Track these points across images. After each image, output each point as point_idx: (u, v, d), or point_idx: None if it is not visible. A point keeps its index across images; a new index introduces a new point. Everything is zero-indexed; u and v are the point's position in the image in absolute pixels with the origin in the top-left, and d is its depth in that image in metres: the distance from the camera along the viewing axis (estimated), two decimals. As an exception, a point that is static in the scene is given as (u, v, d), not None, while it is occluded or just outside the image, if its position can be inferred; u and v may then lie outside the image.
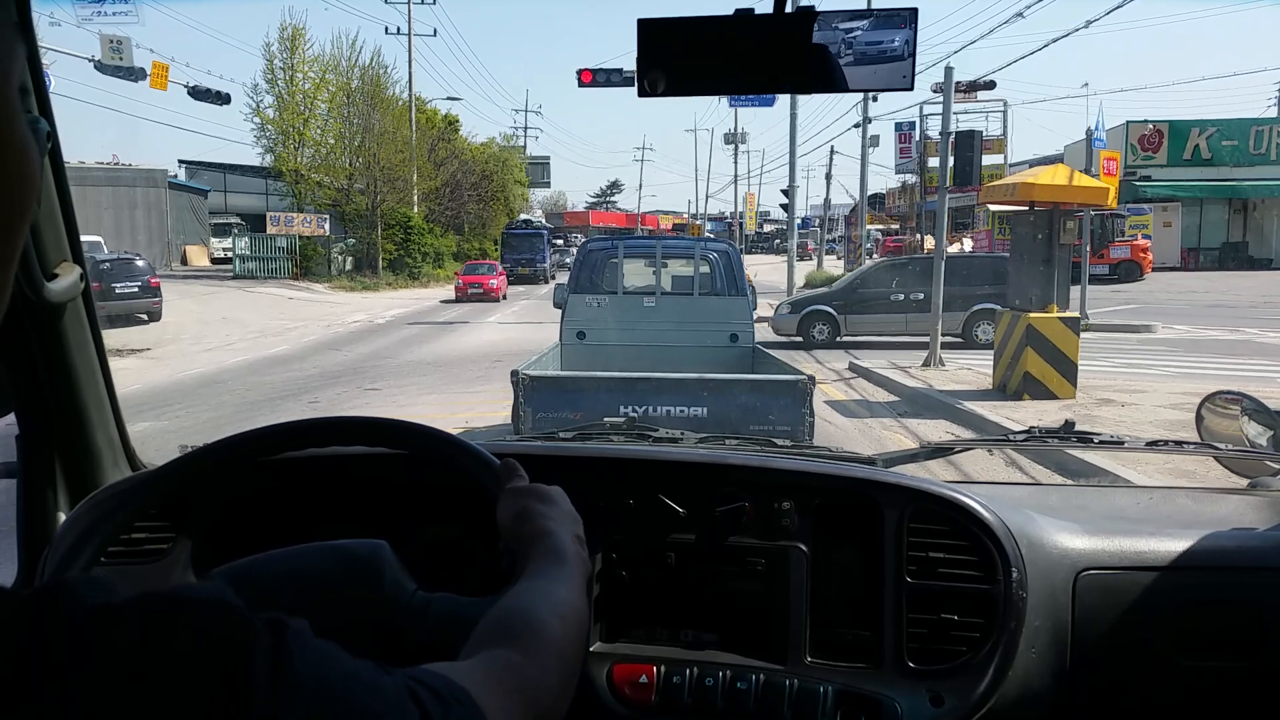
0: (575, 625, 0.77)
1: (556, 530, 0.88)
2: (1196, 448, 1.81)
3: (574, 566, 0.84)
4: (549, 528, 0.88)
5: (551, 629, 0.73)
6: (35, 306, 1.29)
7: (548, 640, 0.71)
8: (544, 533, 0.87)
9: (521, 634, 0.71)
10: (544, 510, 0.91)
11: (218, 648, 0.47)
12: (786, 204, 25.08)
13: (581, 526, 0.93)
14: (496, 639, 0.70)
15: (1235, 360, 12.03)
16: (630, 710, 1.28)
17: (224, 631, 0.48)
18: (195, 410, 9.20)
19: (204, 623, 0.48)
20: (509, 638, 0.70)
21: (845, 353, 13.91)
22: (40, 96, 1.20)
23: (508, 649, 0.68)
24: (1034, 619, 1.28)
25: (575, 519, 0.94)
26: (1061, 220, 8.93)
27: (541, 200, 71.76)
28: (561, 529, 0.89)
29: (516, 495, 0.94)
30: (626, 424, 1.88)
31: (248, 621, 0.49)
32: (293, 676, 0.48)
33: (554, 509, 0.92)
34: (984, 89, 26.02)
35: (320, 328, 19.28)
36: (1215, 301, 20.62)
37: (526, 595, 0.77)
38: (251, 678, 0.46)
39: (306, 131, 33.87)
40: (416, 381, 11.58)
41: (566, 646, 0.73)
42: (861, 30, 1.21)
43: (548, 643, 0.71)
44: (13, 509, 1.45)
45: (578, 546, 0.88)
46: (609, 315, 8.13)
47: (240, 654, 0.47)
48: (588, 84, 16.57)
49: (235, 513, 1.35)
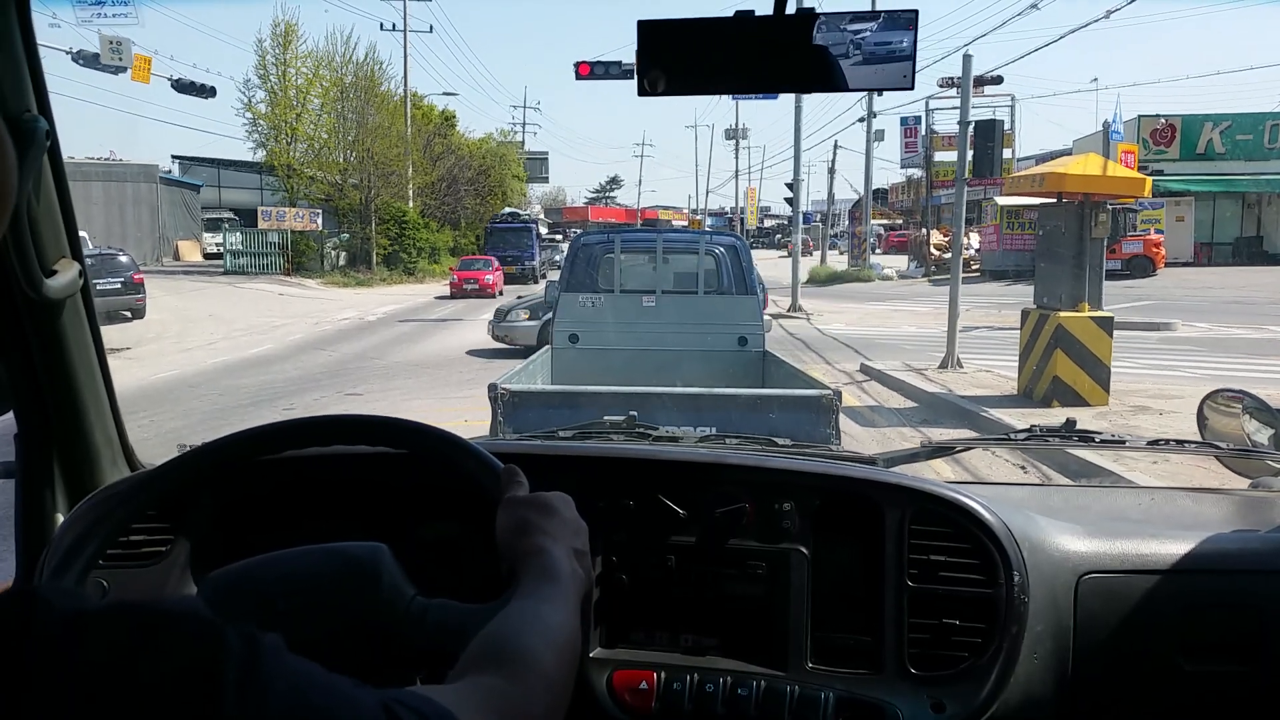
0: (566, 651, 0.76)
1: (552, 548, 0.86)
2: (1198, 447, 1.80)
3: (568, 586, 0.83)
4: (544, 545, 0.87)
5: (540, 656, 0.72)
6: (34, 304, 1.29)
7: (536, 668, 0.71)
8: (538, 550, 0.86)
9: (509, 661, 0.70)
10: (542, 524, 0.90)
11: (190, 661, 0.47)
12: (788, 198, 24.77)
13: (584, 537, 0.93)
14: (484, 664, 0.69)
15: (1266, 361, 11.48)
16: (630, 717, 1.26)
17: (196, 645, 0.48)
18: (160, 419, 8.56)
19: (177, 636, 0.48)
20: (497, 664, 0.69)
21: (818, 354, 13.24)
22: (40, 95, 1.21)
23: (495, 675, 0.68)
24: (1036, 623, 1.27)
25: (576, 530, 0.93)
26: (1094, 212, 8.32)
27: (540, 196, 71.31)
28: (558, 546, 0.87)
29: (515, 506, 0.93)
30: (626, 423, 1.86)
31: (220, 635, 0.49)
32: (265, 689, 0.48)
33: (553, 521, 0.91)
34: (991, 83, 25.59)
35: (308, 325, 18.83)
36: (1234, 298, 20.09)
37: (516, 619, 0.76)
38: (222, 690, 0.47)
39: (299, 127, 33.44)
40: (402, 385, 11.10)
41: (555, 674, 0.72)
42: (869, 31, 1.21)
43: (536, 670, 0.70)
44: (11, 509, 1.44)
45: (573, 564, 0.87)
46: (604, 316, 7.44)
47: (211, 667, 0.47)
48: (585, 77, 15.99)
49: (234, 514, 1.35)
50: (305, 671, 0.52)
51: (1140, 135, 28.78)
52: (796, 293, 21.33)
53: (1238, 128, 29.69)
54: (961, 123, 11.24)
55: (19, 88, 1.17)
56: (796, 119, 23.04)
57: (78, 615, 0.47)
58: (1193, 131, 29.69)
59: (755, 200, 57.28)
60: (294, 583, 0.92)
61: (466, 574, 1.18)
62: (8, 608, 0.47)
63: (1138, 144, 26.48)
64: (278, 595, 0.90)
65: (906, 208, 43.20)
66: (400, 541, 1.01)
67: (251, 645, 0.50)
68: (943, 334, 11.40)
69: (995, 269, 28.26)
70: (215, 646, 0.48)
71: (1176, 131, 29.71)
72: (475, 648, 0.72)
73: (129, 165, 34.66)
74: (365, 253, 33.73)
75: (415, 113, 37.41)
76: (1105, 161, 8.85)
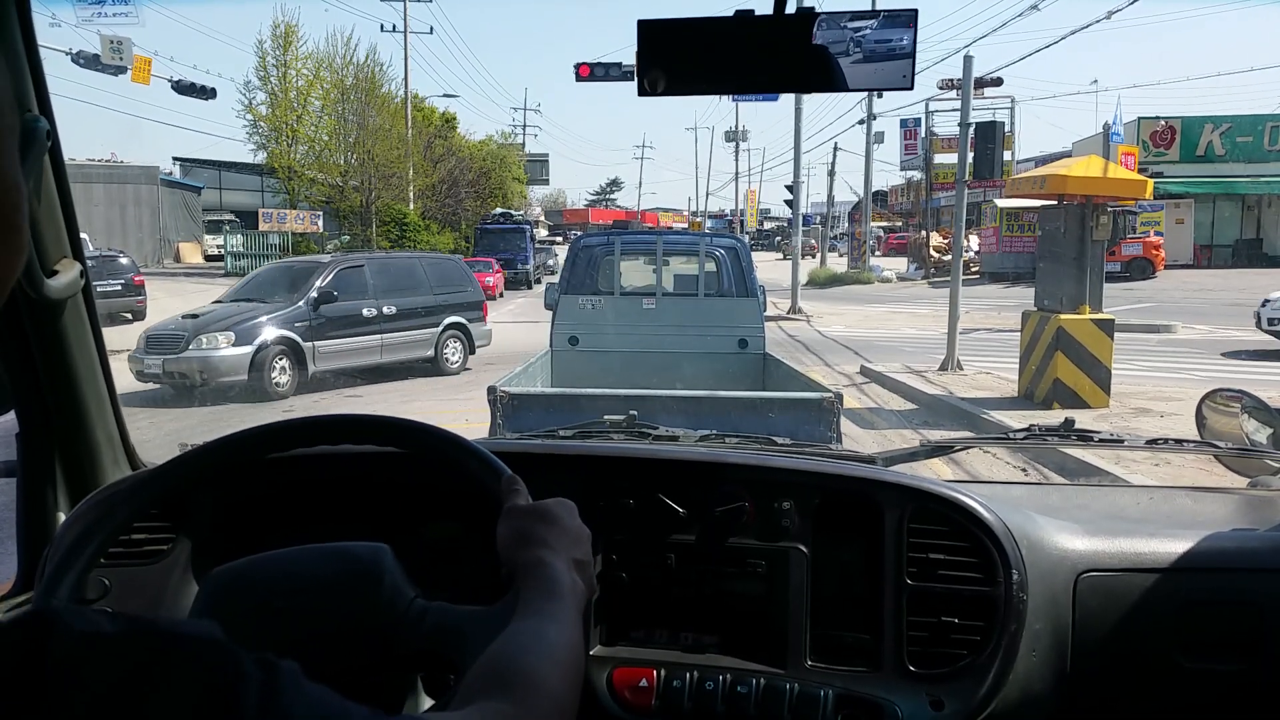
0: (570, 669, 0.76)
1: (552, 561, 0.86)
2: (1196, 446, 1.80)
3: (569, 600, 0.82)
4: (544, 557, 0.86)
5: (546, 677, 0.71)
6: (35, 303, 1.29)
7: (543, 689, 0.70)
8: (539, 563, 0.85)
9: (516, 684, 0.69)
10: (542, 534, 0.89)
11: (207, 687, 0.47)
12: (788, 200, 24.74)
13: (586, 545, 0.92)
14: (491, 689, 0.69)
15: (1267, 364, 11.45)
16: (630, 714, 1.27)
17: (213, 671, 0.48)
18: (160, 419, 8.56)
19: (194, 661, 0.48)
20: (503, 688, 0.69)
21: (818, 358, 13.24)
22: (41, 96, 1.21)
23: (502, 700, 0.67)
24: (1034, 621, 1.27)
25: (578, 538, 0.91)
26: (1095, 214, 8.31)
27: (541, 198, 71.28)
28: (558, 557, 0.87)
29: (516, 516, 0.92)
30: (626, 422, 1.86)
31: (238, 661, 0.49)
32: (285, 716, 0.48)
33: (554, 530, 0.90)
34: (991, 85, 25.57)
35: (309, 327, 18.68)
36: (1234, 300, 20.00)
37: (521, 640, 0.75)
38: (240, 717, 0.47)
39: (300, 128, 33.42)
40: (400, 388, 11.03)
41: (562, 694, 0.72)
42: (868, 30, 1.21)
43: (543, 692, 0.70)
44: (12, 508, 1.44)
45: (574, 576, 0.86)
46: (604, 318, 7.43)
47: (229, 695, 0.47)
48: (585, 78, 15.97)
49: (236, 513, 1.35)
50: (323, 700, 0.52)
51: (1140, 137, 28.78)
52: (796, 295, 21.33)
53: (1238, 129, 29.69)
54: (962, 124, 11.24)
55: (19, 88, 1.17)
56: (796, 120, 23.04)
57: (94, 636, 0.47)
58: (1193, 133, 29.69)
59: (755, 202, 57.27)
60: (295, 581, 0.92)
61: (468, 575, 1.17)
62: (24, 627, 0.47)
63: (1138, 146, 26.46)
64: (278, 594, 0.90)
65: (906, 210, 43.17)
66: (402, 542, 1.01)
67: (270, 673, 0.49)
68: (942, 336, 11.39)
69: (995, 271, 28.26)
70: (233, 673, 0.48)
71: (1176, 133, 29.70)
72: (480, 671, 0.71)
73: (130, 167, 34.63)
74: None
75: (416, 114, 37.32)
76: (1106, 163, 8.86)
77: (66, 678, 0.45)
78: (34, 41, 1.20)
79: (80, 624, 0.48)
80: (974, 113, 11.55)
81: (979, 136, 10.80)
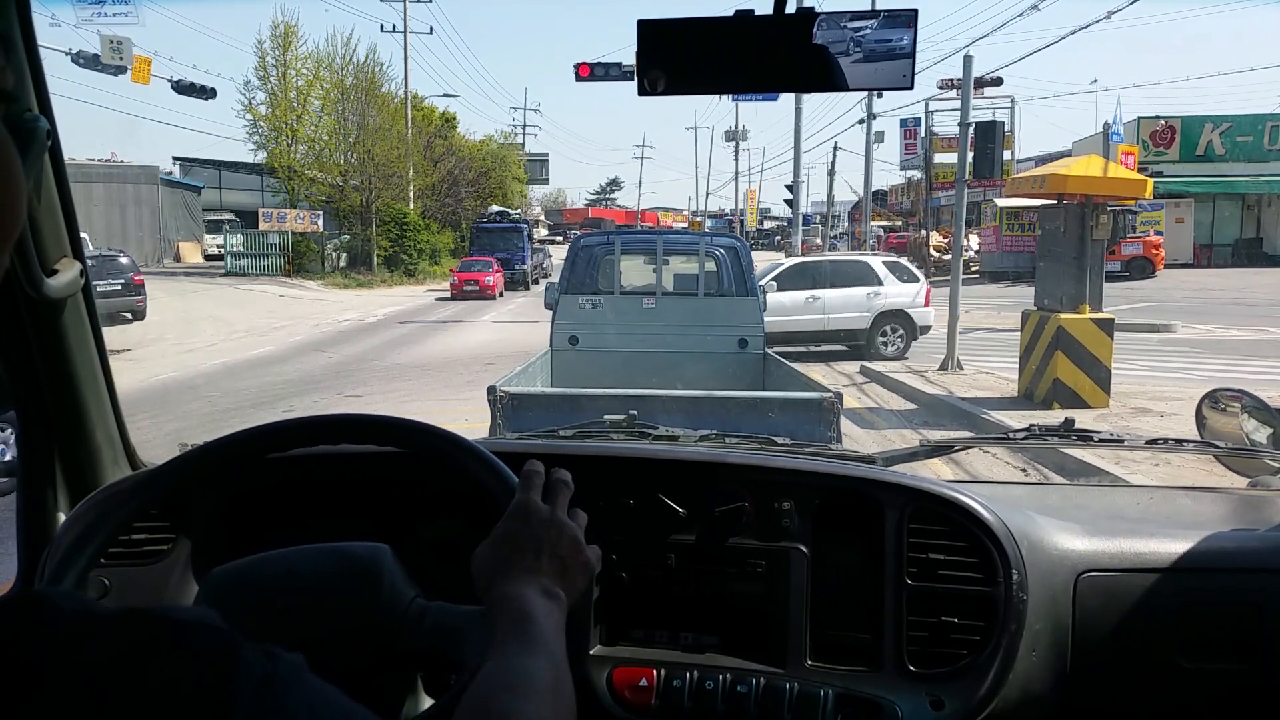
0: (549, 695, 0.74)
1: (521, 592, 0.83)
2: (1196, 446, 1.80)
3: (541, 621, 0.80)
4: (509, 592, 0.84)
5: (535, 712, 0.70)
6: (35, 303, 1.29)
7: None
8: (506, 598, 0.83)
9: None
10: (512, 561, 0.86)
11: (201, 672, 0.46)
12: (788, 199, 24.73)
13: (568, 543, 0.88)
14: None
15: (1265, 363, 11.45)
16: (630, 714, 1.27)
17: (208, 657, 0.47)
18: (160, 420, 8.55)
19: (188, 645, 0.47)
20: None
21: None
22: (41, 96, 1.20)
23: None
24: (1034, 621, 1.27)
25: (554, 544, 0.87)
26: (1095, 214, 8.31)
27: (541, 197, 71.33)
28: (529, 584, 0.84)
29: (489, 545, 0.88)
30: (626, 422, 1.85)
31: (235, 649, 0.48)
32: (281, 708, 0.47)
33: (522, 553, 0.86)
34: (991, 85, 25.54)
35: (309, 327, 18.78)
36: (1234, 300, 20.05)
37: (495, 679, 0.74)
38: (235, 706, 0.46)
39: (300, 128, 33.42)
40: (401, 387, 11.05)
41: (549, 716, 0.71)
42: (868, 29, 1.21)
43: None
44: (12, 508, 1.43)
45: (547, 599, 0.83)
46: (605, 318, 7.43)
47: (224, 681, 0.46)
48: (585, 78, 15.96)
49: (236, 513, 1.34)
50: (324, 695, 0.51)
51: (1140, 137, 28.75)
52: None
53: (1237, 129, 29.65)
54: (962, 124, 11.23)
55: (19, 88, 1.17)
56: (796, 120, 23.09)
57: (85, 618, 0.47)
58: (1192, 133, 29.65)
59: (755, 202, 57.24)
60: (295, 581, 0.92)
61: (468, 575, 1.17)
62: (16, 610, 0.47)
63: (1138, 145, 26.43)
64: (278, 593, 0.90)
65: (906, 209, 43.12)
66: (402, 542, 1.01)
67: (271, 663, 0.49)
68: (942, 336, 11.40)
69: (995, 270, 28.23)
70: (230, 660, 0.47)
71: (1176, 133, 29.67)
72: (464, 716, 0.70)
73: (130, 167, 34.61)
74: (366, 254, 33.67)
75: (416, 114, 37.35)
76: (1106, 163, 8.84)
77: (60, 658, 0.44)
78: (34, 41, 1.20)
79: (71, 606, 0.48)
80: (974, 112, 11.54)
81: (979, 136, 10.79)
